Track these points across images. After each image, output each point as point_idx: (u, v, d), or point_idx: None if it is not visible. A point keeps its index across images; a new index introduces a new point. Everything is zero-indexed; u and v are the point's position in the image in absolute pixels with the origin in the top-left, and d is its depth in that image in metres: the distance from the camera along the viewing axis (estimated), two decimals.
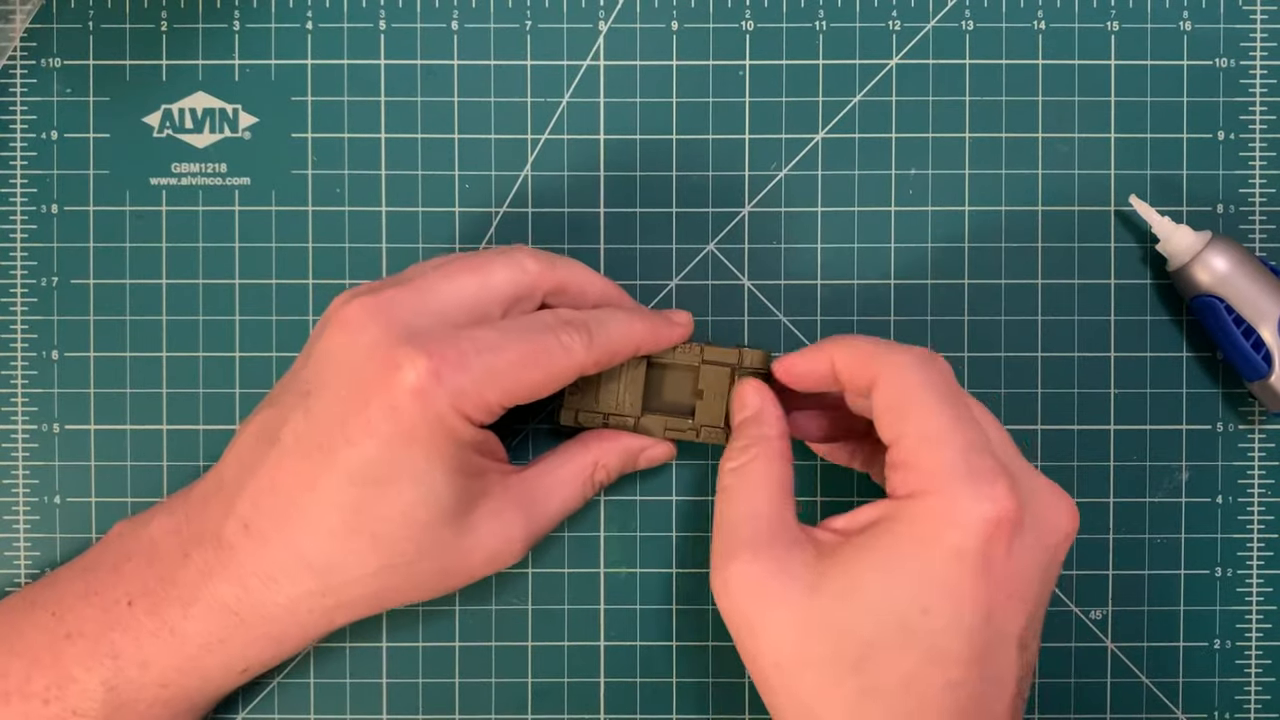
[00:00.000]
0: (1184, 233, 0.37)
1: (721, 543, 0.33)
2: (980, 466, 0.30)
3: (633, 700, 0.39)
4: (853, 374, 0.33)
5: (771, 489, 0.33)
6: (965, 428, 0.31)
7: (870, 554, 0.31)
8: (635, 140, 0.39)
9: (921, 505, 0.30)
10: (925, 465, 0.31)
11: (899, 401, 0.32)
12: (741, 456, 0.34)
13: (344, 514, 0.32)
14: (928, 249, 0.39)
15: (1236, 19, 0.39)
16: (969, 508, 0.30)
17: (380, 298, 0.32)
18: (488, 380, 0.32)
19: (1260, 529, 0.39)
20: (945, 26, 0.39)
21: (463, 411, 0.31)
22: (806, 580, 0.31)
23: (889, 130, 0.39)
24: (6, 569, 0.39)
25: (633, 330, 0.35)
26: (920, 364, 0.32)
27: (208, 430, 0.39)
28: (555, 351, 0.33)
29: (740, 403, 0.35)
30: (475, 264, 0.33)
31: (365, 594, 0.33)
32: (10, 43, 0.38)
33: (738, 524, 0.33)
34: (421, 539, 0.32)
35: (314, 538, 0.32)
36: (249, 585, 0.32)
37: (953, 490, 0.30)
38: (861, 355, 0.33)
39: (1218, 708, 0.39)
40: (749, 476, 0.34)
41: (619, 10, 0.39)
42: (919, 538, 0.30)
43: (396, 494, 0.31)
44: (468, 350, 0.31)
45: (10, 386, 0.39)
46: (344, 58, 0.39)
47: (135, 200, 0.39)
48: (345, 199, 0.39)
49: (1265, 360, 0.36)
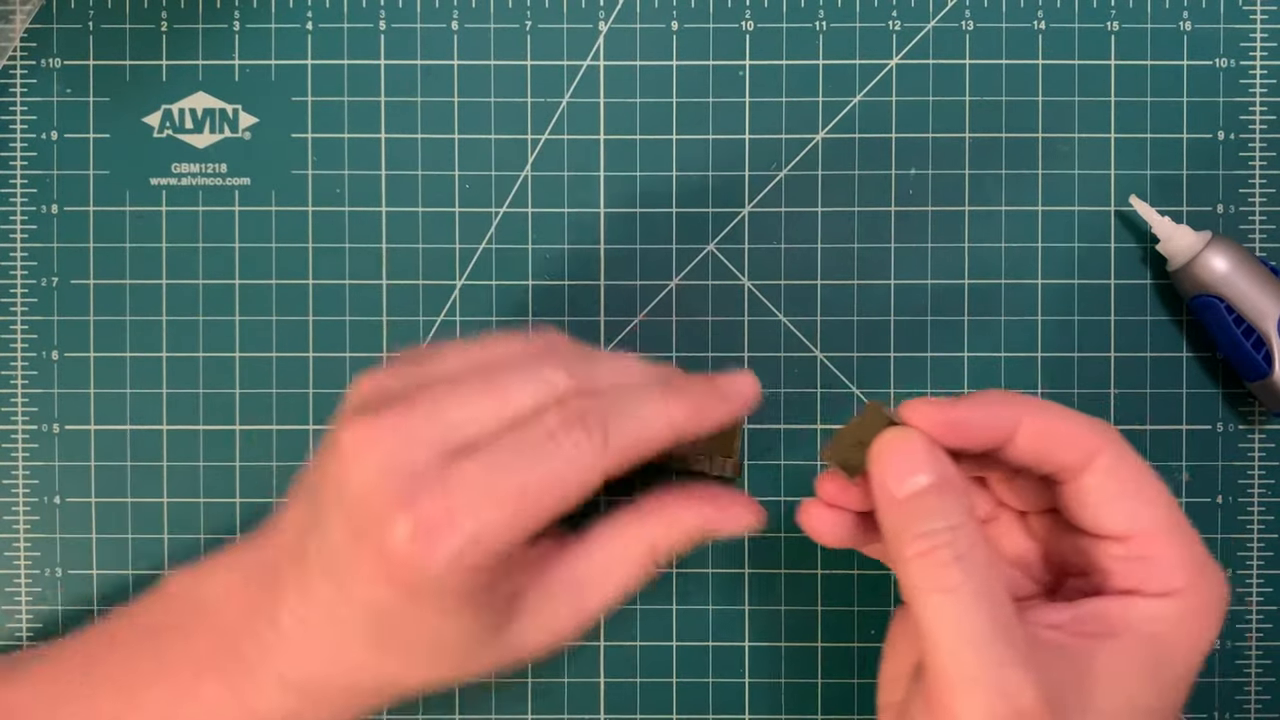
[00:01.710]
0: (1184, 233, 0.37)
1: (964, 687, 0.26)
2: (1209, 557, 0.28)
3: (633, 700, 0.39)
4: (1049, 447, 0.28)
5: (1003, 599, 0.26)
6: (1180, 509, 0.29)
7: (1136, 660, 0.27)
8: (635, 140, 0.39)
9: (1183, 604, 0.28)
10: (1174, 558, 0.28)
11: (1135, 487, 0.28)
12: (954, 573, 0.26)
13: (370, 637, 0.30)
14: (928, 249, 0.39)
15: (1236, 19, 0.39)
16: (1219, 602, 0.28)
17: (375, 426, 0.28)
18: (490, 530, 0.28)
19: (1260, 529, 0.39)
20: (945, 26, 0.39)
21: (465, 566, 0.28)
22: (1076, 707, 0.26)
23: (889, 130, 0.39)
24: (6, 569, 0.39)
25: (667, 415, 0.29)
26: (1127, 443, 0.29)
27: (208, 430, 0.39)
28: (559, 467, 0.28)
29: (904, 462, 0.27)
30: (492, 383, 0.29)
31: (415, 687, 0.31)
32: (10, 43, 0.38)
33: (981, 667, 0.26)
34: (455, 657, 0.30)
35: (352, 648, 0.30)
36: (309, 670, 0.31)
37: (1205, 585, 0.28)
38: (1070, 426, 0.28)
39: (1218, 708, 0.39)
40: (968, 594, 0.26)
41: (619, 10, 0.39)
42: (1186, 637, 0.28)
43: (415, 632, 0.29)
44: (458, 503, 0.28)
45: (10, 386, 0.39)
46: (344, 58, 0.39)
47: (135, 200, 0.39)
48: (345, 199, 0.39)
49: (1265, 360, 0.36)
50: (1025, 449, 0.28)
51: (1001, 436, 0.28)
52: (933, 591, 0.26)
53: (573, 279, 0.39)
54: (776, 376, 0.39)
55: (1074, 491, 0.28)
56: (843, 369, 0.39)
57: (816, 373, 0.39)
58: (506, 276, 0.39)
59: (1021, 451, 0.28)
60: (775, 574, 0.39)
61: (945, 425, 0.28)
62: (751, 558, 0.39)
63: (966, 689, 0.25)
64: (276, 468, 0.39)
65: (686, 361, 0.39)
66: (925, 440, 0.28)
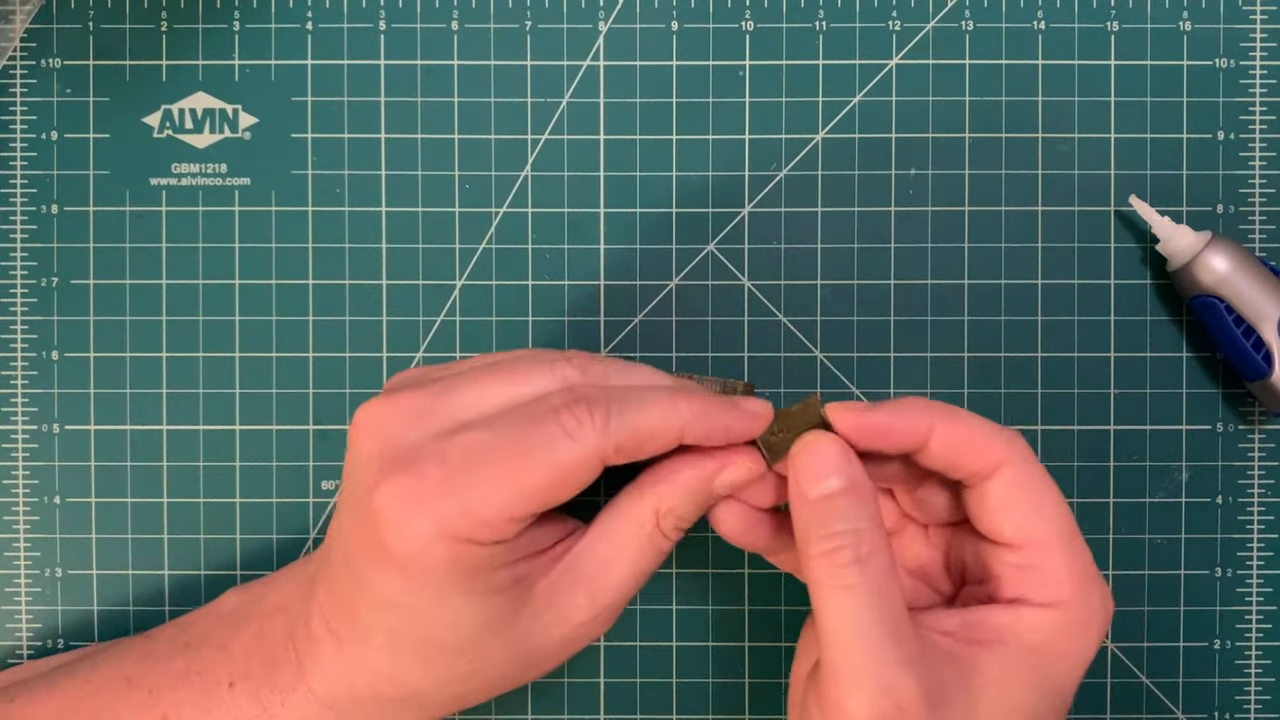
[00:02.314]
0: (1184, 233, 0.37)
1: (850, 681, 0.27)
2: (1096, 574, 0.30)
3: (633, 700, 0.39)
4: (959, 453, 0.29)
5: (897, 602, 0.28)
6: (1075, 523, 0.30)
7: (1019, 668, 0.28)
8: (635, 140, 0.39)
9: (1066, 615, 0.29)
10: (1062, 570, 0.29)
11: (1032, 498, 0.29)
12: (853, 573, 0.27)
13: (385, 634, 0.29)
14: (928, 249, 0.39)
15: (1236, 19, 0.39)
16: (1101, 616, 0.29)
17: (388, 403, 0.29)
18: (481, 498, 0.27)
19: (1260, 529, 0.39)
20: (945, 26, 0.39)
21: (458, 537, 0.27)
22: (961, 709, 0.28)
23: (889, 130, 0.39)
24: (6, 569, 0.39)
25: (674, 410, 0.29)
26: (1034, 456, 0.30)
27: (208, 430, 0.39)
28: (558, 441, 0.28)
29: (819, 465, 0.29)
30: (508, 371, 0.30)
31: (442, 700, 0.31)
32: (10, 43, 0.38)
33: (868, 663, 0.27)
34: (467, 655, 0.29)
35: (371, 651, 0.30)
36: (336, 682, 0.30)
37: (1089, 599, 0.29)
38: (979, 434, 0.29)
39: (1218, 708, 0.39)
40: (864, 594, 0.27)
41: (619, 10, 0.39)
42: (1068, 648, 0.29)
43: (421, 620, 0.29)
44: (453, 466, 0.27)
45: (10, 386, 0.39)
46: (344, 58, 0.39)
47: (135, 200, 0.39)
48: (345, 199, 0.39)
49: (1265, 360, 0.36)
50: (937, 454, 0.29)
51: (916, 442, 0.29)
52: (831, 588, 0.28)
53: (573, 279, 0.39)
54: (776, 376, 0.39)
55: (978, 496, 0.30)
56: (843, 369, 0.39)
57: (816, 373, 0.39)
58: (506, 276, 0.39)
59: (934, 457, 0.30)
60: (775, 574, 0.39)
61: (865, 429, 0.29)
62: (751, 558, 0.39)
63: (853, 682, 0.27)
64: (276, 468, 0.39)
65: (687, 361, 0.39)
66: (839, 446, 0.29)
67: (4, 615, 0.39)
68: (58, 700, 0.33)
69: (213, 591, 0.39)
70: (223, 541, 0.39)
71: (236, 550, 0.39)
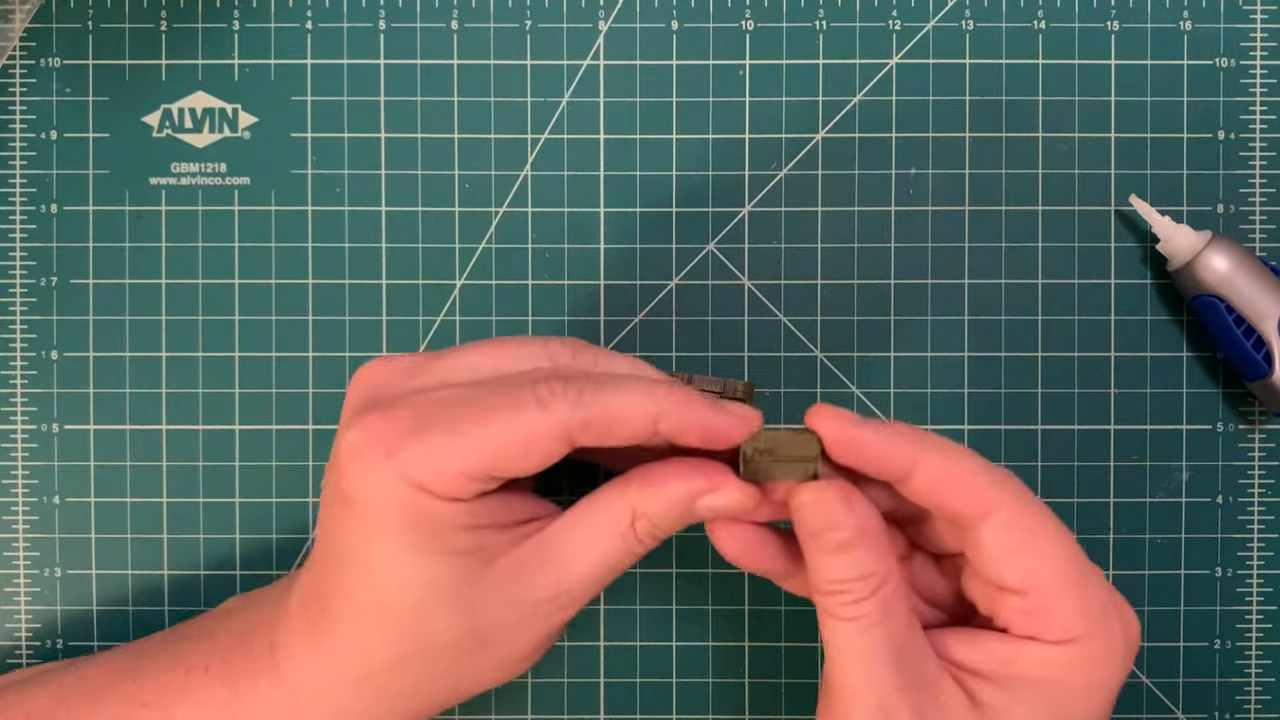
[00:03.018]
0: (1184, 233, 0.37)
1: (850, 700, 0.28)
2: (1112, 599, 0.29)
3: (633, 700, 0.39)
4: (944, 493, 0.28)
5: (914, 639, 0.28)
6: (1083, 556, 0.29)
7: (1028, 701, 0.28)
8: (635, 140, 0.39)
9: (1082, 650, 0.28)
10: (1071, 609, 0.28)
11: (1030, 541, 0.28)
12: (861, 608, 0.28)
13: (342, 597, 0.29)
14: (928, 249, 0.39)
15: (1236, 19, 0.39)
16: (1124, 644, 0.29)
17: (385, 361, 0.30)
18: (440, 446, 0.27)
19: (1260, 529, 0.39)
20: (945, 26, 0.39)
21: (414, 483, 0.27)
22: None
23: (889, 130, 0.39)
24: (5, 569, 0.39)
25: (650, 398, 0.28)
26: (1031, 495, 0.29)
27: (207, 430, 0.39)
28: (527, 407, 0.27)
29: (828, 518, 0.28)
30: (502, 345, 0.30)
31: (402, 687, 0.30)
32: (10, 43, 0.38)
33: (867, 687, 0.28)
34: (417, 625, 0.29)
35: (331, 621, 0.30)
36: (301, 662, 0.30)
37: (1108, 630, 0.28)
38: (967, 476, 0.28)
39: (1218, 708, 0.39)
40: (868, 624, 0.28)
41: (619, 10, 0.39)
42: (1084, 682, 0.28)
43: (375, 576, 0.28)
44: (421, 412, 0.28)
45: (10, 386, 0.39)
46: (344, 57, 0.39)
47: (135, 200, 0.39)
48: (345, 199, 0.39)
49: (1265, 360, 0.36)
50: (921, 490, 0.28)
51: (897, 471, 0.28)
52: (837, 620, 0.28)
53: (573, 279, 0.39)
54: (776, 376, 0.39)
55: (973, 543, 0.29)
56: (843, 369, 0.39)
57: (816, 373, 0.39)
58: (506, 276, 0.39)
59: (916, 492, 0.29)
60: None
61: (845, 441, 0.28)
62: None
63: (852, 701, 0.28)
64: (276, 468, 0.39)
65: (686, 361, 0.39)
66: (842, 496, 0.28)
67: (3, 615, 0.39)
68: (53, 690, 0.34)
69: (212, 591, 0.39)
70: (222, 541, 0.39)
71: (236, 550, 0.39)
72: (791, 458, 0.29)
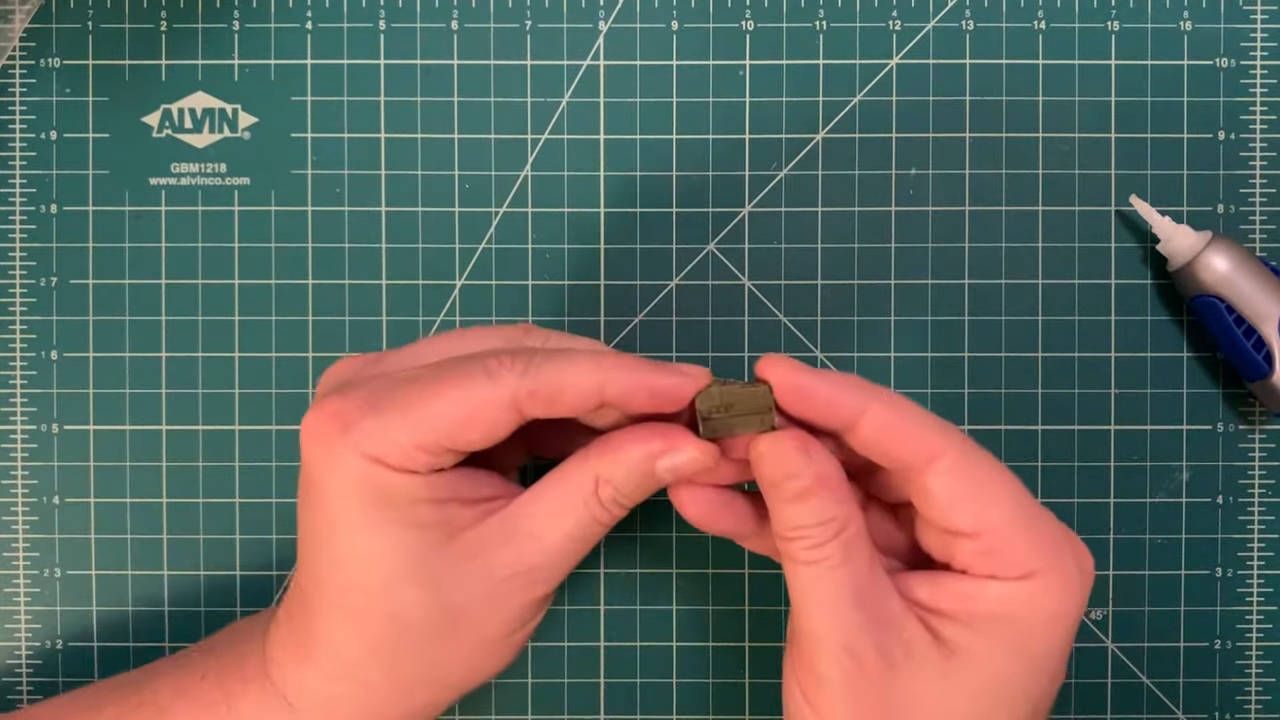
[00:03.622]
0: (1184, 233, 0.37)
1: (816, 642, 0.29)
2: (1065, 535, 0.30)
3: (633, 700, 0.39)
4: (889, 441, 0.29)
5: (877, 581, 0.29)
6: (1029, 497, 0.30)
7: (993, 636, 0.29)
8: (635, 140, 0.39)
9: (1040, 583, 0.29)
10: (1024, 546, 0.29)
11: (976, 485, 0.29)
12: (823, 551, 0.29)
13: (317, 586, 0.30)
14: (928, 249, 0.39)
15: (1236, 19, 0.39)
16: (1079, 577, 0.29)
17: (344, 359, 0.32)
18: (393, 418, 0.28)
19: (1260, 529, 0.39)
20: (945, 26, 0.39)
21: (374, 457, 0.28)
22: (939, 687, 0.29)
23: (889, 130, 0.39)
24: (5, 569, 0.39)
25: (596, 365, 0.29)
26: (975, 444, 0.30)
27: (207, 430, 0.39)
28: (476, 378, 0.28)
29: (785, 467, 0.29)
30: (462, 333, 0.31)
31: (383, 680, 0.30)
32: (10, 43, 0.38)
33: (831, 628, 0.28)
34: (393, 606, 0.29)
35: (310, 615, 0.30)
36: (287, 663, 0.31)
37: (1063, 563, 0.29)
38: (912, 424, 0.29)
39: (1218, 708, 0.39)
40: (829, 566, 0.28)
41: (619, 10, 0.39)
42: (1045, 614, 0.29)
43: (344, 556, 0.29)
44: (376, 390, 0.28)
45: (10, 386, 0.39)
46: (344, 58, 0.39)
47: (134, 200, 0.39)
48: (345, 199, 0.39)
49: (1266, 360, 0.36)
50: (867, 439, 0.29)
51: (844, 419, 0.29)
52: (800, 564, 0.29)
53: (573, 279, 0.39)
54: None
55: (919, 491, 0.29)
56: (843, 369, 0.39)
57: None
58: (506, 276, 0.39)
59: (863, 441, 0.29)
60: (775, 574, 0.39)
61: (795, 389, 0.29)
62: (751, 558, 0.39)
63: (818, 643, 0.29)
64: (276, 468, 0.39)
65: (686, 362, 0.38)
66: (798, 444, 0.29)
67: (3, 615, 0.39)
68: (60, 702, 0.34)
69: (212, 591, 0.39)
70: (222, 542, 0.39)
71: (236, 550, 0.39)
72: (748, 411, 0.29)
